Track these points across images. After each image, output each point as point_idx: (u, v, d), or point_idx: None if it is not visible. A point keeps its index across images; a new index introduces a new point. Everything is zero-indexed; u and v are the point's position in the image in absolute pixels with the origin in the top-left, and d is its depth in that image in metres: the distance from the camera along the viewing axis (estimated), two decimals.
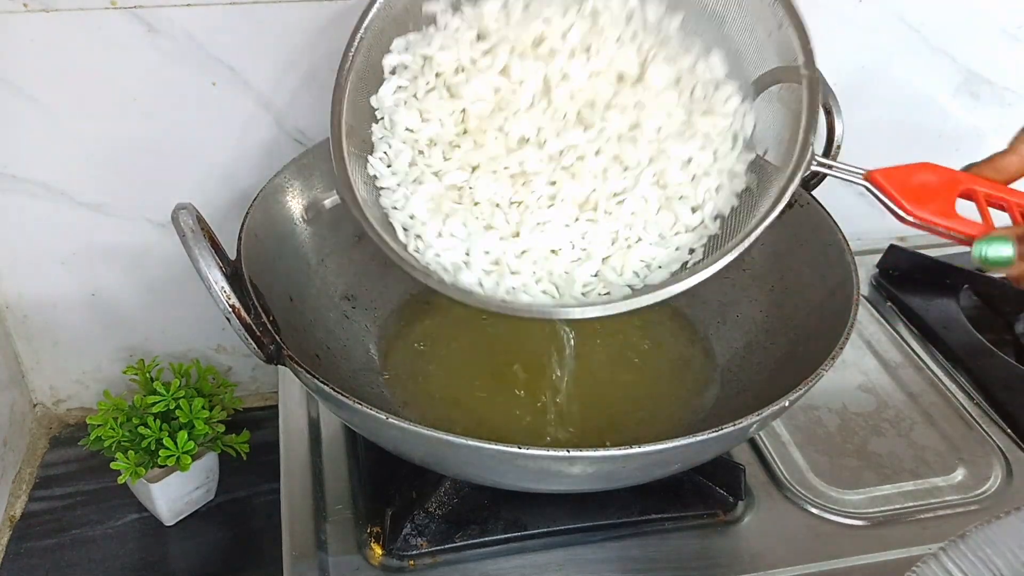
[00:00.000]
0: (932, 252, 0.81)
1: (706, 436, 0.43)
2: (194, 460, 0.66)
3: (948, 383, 0.69)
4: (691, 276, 0.47)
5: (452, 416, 0.59)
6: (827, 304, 0.55)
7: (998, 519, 0.44)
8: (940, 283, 0.79)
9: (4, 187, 0.67)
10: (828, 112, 0.58)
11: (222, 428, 0.68)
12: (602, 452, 0.42)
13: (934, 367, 0.70)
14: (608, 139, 0.49)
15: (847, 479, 0.60)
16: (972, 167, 0.46)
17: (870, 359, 0.71)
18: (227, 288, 0.45)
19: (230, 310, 0.45)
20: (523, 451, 0.42)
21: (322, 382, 0.44)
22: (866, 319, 0.76)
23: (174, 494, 0.69)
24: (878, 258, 0.81)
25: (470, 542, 0.54)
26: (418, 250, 0.50)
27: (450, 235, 0.49)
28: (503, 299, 0.48)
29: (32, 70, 0.62)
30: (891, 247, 0.81)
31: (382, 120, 0.52)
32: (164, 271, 0.74)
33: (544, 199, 0.49)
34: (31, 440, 0.78)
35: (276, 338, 0.47)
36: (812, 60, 0.48)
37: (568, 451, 0.42)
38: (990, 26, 0.79)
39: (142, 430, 0.64)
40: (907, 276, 0.80)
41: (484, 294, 0.48)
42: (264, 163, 0.69)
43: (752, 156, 0.50)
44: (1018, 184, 0.46)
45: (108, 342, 0.78)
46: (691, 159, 0.49)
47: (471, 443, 0.42)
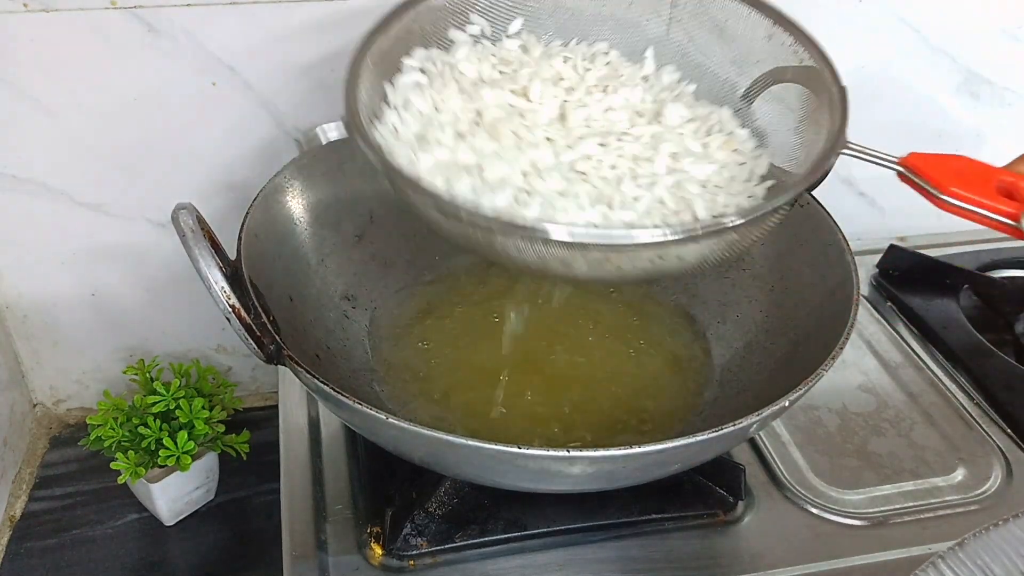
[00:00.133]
0: (932, 252, 0.81)
1: (706, 436, 0.43)
2: (194, 460, 0.66)
3: (948, 383, 0.69)
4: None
5: (452, 416, 0.59)
6: (827, 304, 0.56)
7: (995, 526, 0.44)
8: (940, 283, 0.79)
9: (4, 187, 0.67)
10: None
11: (222, 428, 0.68)
12: (602, 452, 0.42)
13: (934, 367, 0.70)
14: (623, 156, 0.49)
15: (847, 479, 0.60)
16: (1005, 167, 0.45)
17: (870, 359, 0.71)
18: (227, 288, 0.45)
19: (230, 310, 0.45)
20: (523, 451, 0.42)
21: (322, 382, 0.44)
22: (866, 319, 0.76)
23: (174, 494, 0.69)
24: (878, 258, 0.81)
25: (470, 542, 0.54)
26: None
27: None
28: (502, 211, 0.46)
29: (32, 70, 0.62)
30: (891, 247, 0.81)
31: (394, 100, 0.51)
32: (164, 271, 0.74)
33: (555, 194, 0.49)
34: (31, 440, 0.78)
35: (276, 338, 0.47)
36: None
37: (568, 451, 0.42)
38: (990, 26, 0.79)
39: (142, 430, 0.64)
40: (907, 276, 0.80)
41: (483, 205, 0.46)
42: (264, 163, 0.69)
43: (771, 183, 0.51)
44: None
45: (108, 342, 0.78)
46: (708, 179, 0.49)
47: (471, 443, 0.42)
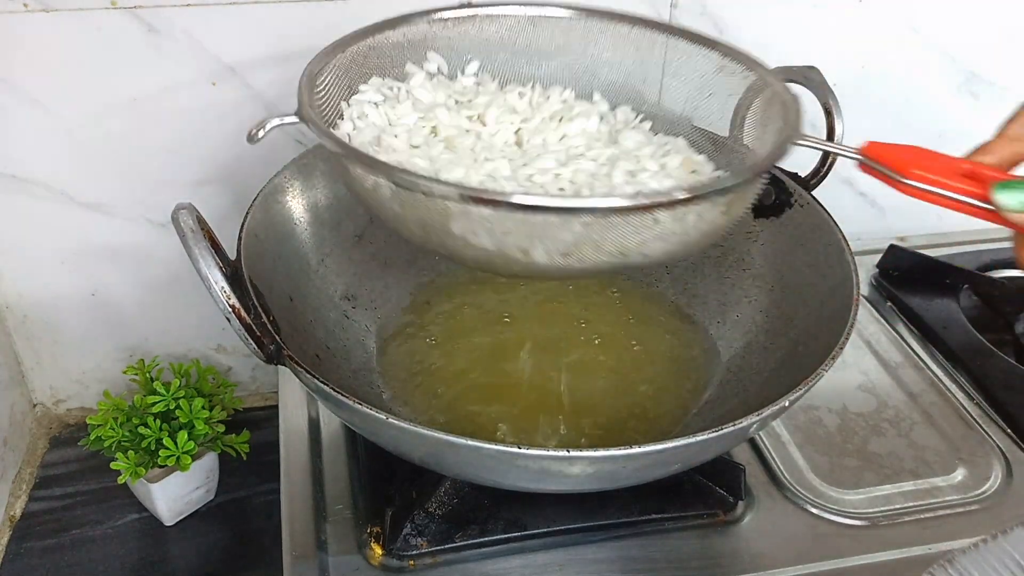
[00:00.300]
0: (932, 252, 0.81)
1: (706, 436, 0.43)
2: (194, 460, 0.66)
3: (948, 383, 0.69)
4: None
5: (452, 416, 0.59)
6: (827, 304, 0.55)
7: (984, 543, 0.44)
8: (940, 283, 0.79)
9: (4, 187, 0.67)
10: (828, 112, 0.58)
11: (222, 428, 0.68)
12: (602, 452, 0.42)
13: (934, 367, 0.70)
14: (580, 171, 0.49)
15: (847, 479, 0.60)
16: (962, 156, 0.45)
17: (870, 359, 0.71)
18: (227, 288, 0.45)
19: (230, 310, 0.45)
20: (523, 451, 0.42)
21: (322, 382, 0.44)
22: (866, 319, 0.76)
23: (174, 494, 0.69)
24: (878, 258, 0.81)
25: (470, 542, 0.54)
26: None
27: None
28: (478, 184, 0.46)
29: (32, 70, 0.62)
30: (891, 247, 0.81)
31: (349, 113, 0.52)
32: (164, 271, 0.74)
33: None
34: (31, 440, 0.78)
35: (276, 338, 0.47)
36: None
37: (568, 451, 0.42)
38: (990, 26, 0.79)
39: (142, 430, 0.64)
40: (907, 276, 0.80)
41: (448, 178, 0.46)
42: (264, 163, 0.69)
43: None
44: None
45: (108, 342, 0.78)
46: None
47: (471, 443, 0.42)
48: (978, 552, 0.43)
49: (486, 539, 0.54)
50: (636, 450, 0.42)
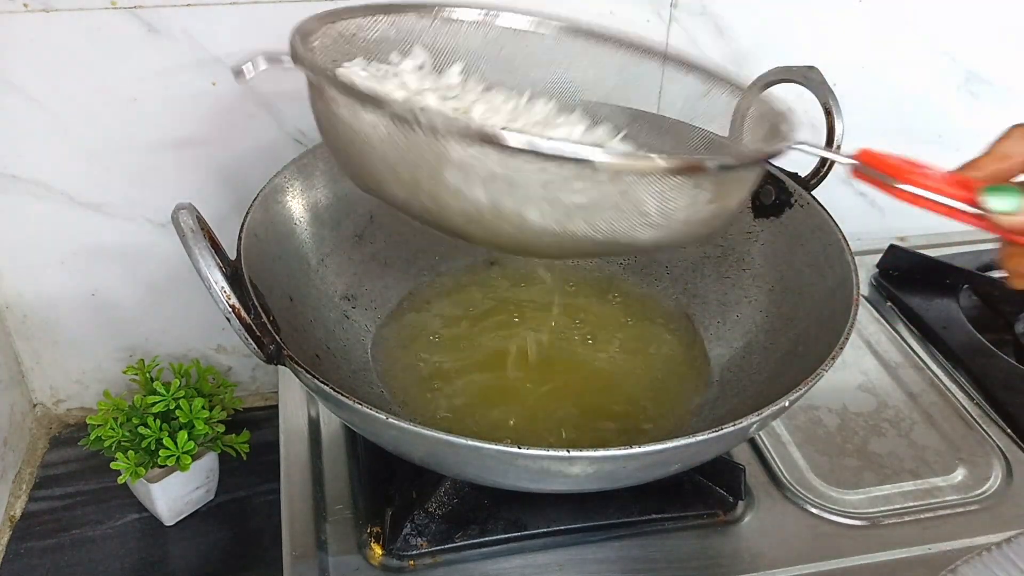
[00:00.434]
0: (932, 252, 0.81)
1: (706, 436, 0.43)
2: (194, 460, 0.66)
3: (948, 383, 0.69)
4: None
5: (452, 415, 0.59)
6: (827, 304, 0.55)
7: (988, 552, 0.44)
8: (940, 283, 0.79)
9: (4, 187, 0.67)
10: (828, 112, 0.58)
11: (222, 428, 0.68)
12: (602, 452, 0.42)
13: (934, 367, 0.70)
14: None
15: (847, 479, 0.60)
16: (952, 171, 0.46)
17: (870, 359, 0.71)
18: (227, 288, 0.45)
19: (230, 310, 0.45)
20: (523, 451, 0.42)
21: (322, 382, 0.44)
22: (866, 319, 0.76)
23: (174, 494, 0.69)
24: (878, 258, 0.81)
25: (470, 542, 0.54)
26: None
27: None
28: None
29: (32, 70, 0.62)
30: (891, 247, 0.81)
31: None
32: (164, 271, 0.74)
33: None
34: (31, 440, 0.78)
35: (276, 338, 0.47)
36: None
37: (568, 451, 0.42)
38: (990, 26, 0.79)
39: (142, 430, 0.64)
40: (907, 276, 0.80)
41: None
42: (264, 163, 0.69)
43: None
44: None
45: (108, 342, 0.78)
46: None
47: (471, 443, 0.42)
48: (980, 560, 0.43)
49: (486, 539, 0.54)
50: (636, 450, 0.42)
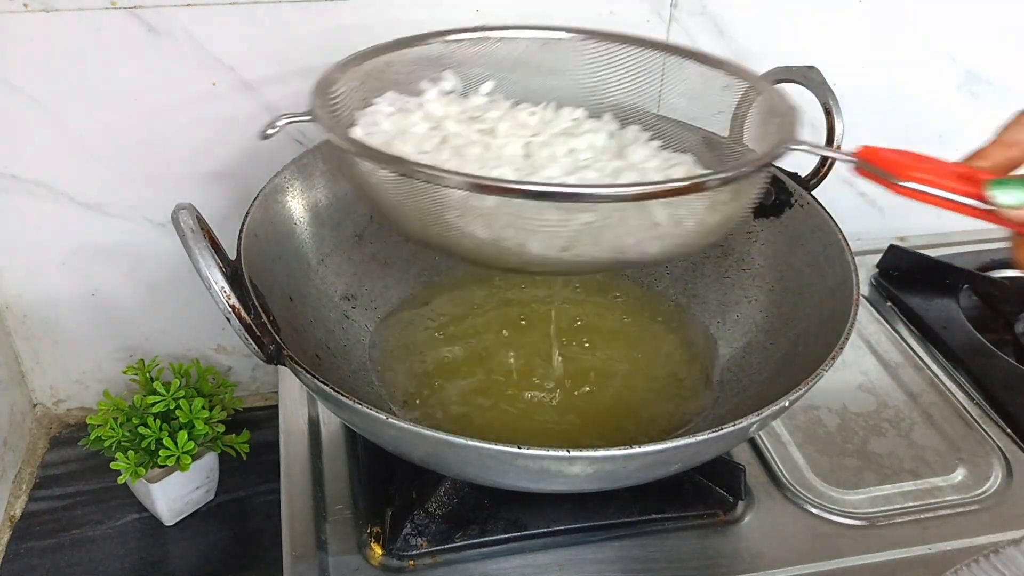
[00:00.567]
0: (932, 252, 0.81)
1: (706, 436, 0.43)
2: (194, 460, 0.66)
3: (948, 383, 0.69)
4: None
5: (452, 415, 0.59)
6: (827, 304, 0.55)
7: (986, 557, 0.44)
8: (940, 283, 0.79)
9: (4, 187, 0.67)
10: (828, 112, 0.58)
11: (222, 428, 0.68)
12: (602, 452, 0.42)
13: (934, 367, 0.70)
14: (583, 180, 0.50)
15: (847, 479, 0.60)
16: (957, 162, 0.45)
17: (870, 359, 0.71)
18: (227, 288, 0.45)
19: (230, 310, 0.45)
20: (523, 451, 0.42)
21: (322, 382, 0.44)
22: (866, 319, 0.76)
23: (174, 494, 0.69)
24: (878, 258, 0.81)
25: (470, 542, 0.54)
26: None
27: None
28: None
29: (32, 70, 0.62)
30: (891, 247, 0.81)
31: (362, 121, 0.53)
32: (164, 271, 0.74)
33: None
34: (31, 440, 0.78)
35: (276, 338, 0.47)
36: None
37: (568, 451, 0.42)
38: (990, 26, 0.79)
39: (142, 430, 0.64)
40: (907, 276, 0.80)
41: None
42: (264, 163, 0.69)
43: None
44: None
45: (108, 342, 0.78)
46: None
47: (471, 443, 0.42)
48: (978, 566, 0.43)
49: (486, 539, 0.54)
50: (636, 450, 0.42)
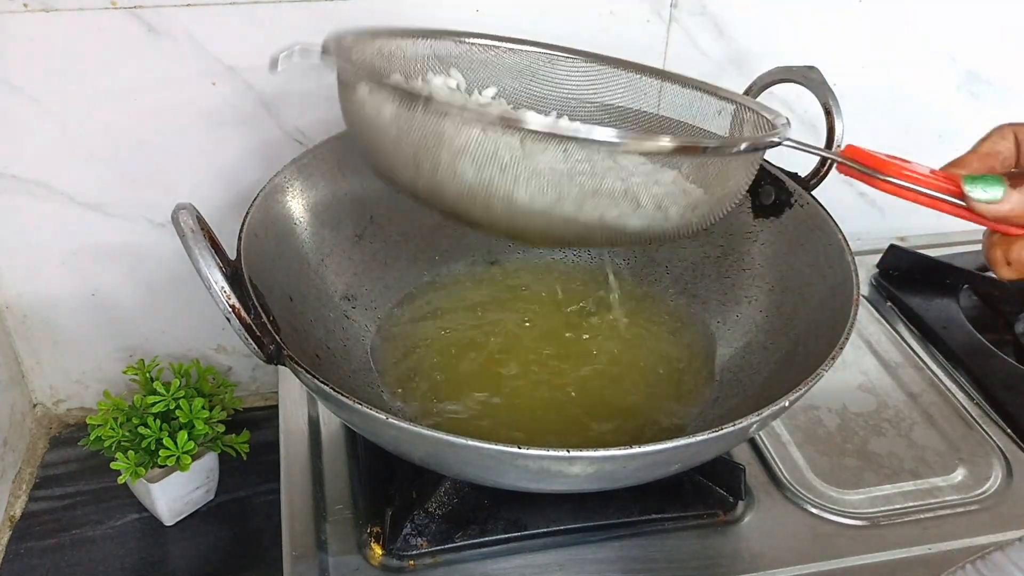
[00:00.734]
0: (932, 252, 0.81)
1: (706, 436, 0.43)
2: (194, 460, 0.66)
3: (948, 383, 0.69)
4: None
5: (452, 415, 0.59)
6: (827, 304, 0.55)
7: (982, 557, 0.44)
8: (940, 283, 0.79)
9: (4, 187, 0.67)
10: (828, 112, 0.58)
11: (222, 428, 0.68)
12: (602, 452, 0.42)
13: (934, 367, 0.70)
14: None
15: (847, 479, 0.60)
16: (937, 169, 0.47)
17: (870, 359, 0.71)
18: (227, 288, 0.45)
19: (230, 310, 0.45)
20: (523, 451, 0.42)
21: (322, 382, 0.44)
22: (866, 319, 0.76)
23: (174, 494, 0.69)
24: (878, 258, 0.81)
25: (470, 542, 0.54)
26: None
27: None
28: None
29: (32, 70, 0.62)
30: (891, 247, 0.81)
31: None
32: (164, 271, 0.74)
33: None
34: (31, 440, 0.78)
35: (276, 338, 0.47)
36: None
37: (568, 451, 0.42)
38: (990, 26, 0.79)
39: (142, 430, 0.64)
40: (907, 276, 0.80)
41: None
42: (264, 163, 0.69)
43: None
44: None
45: (108, 342, 0.78)
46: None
47: (471, 443, 0.42)
48: (977, 567, 0.43)
49: (486, 539, 0.54)
50: (636, 450, 0.42)
